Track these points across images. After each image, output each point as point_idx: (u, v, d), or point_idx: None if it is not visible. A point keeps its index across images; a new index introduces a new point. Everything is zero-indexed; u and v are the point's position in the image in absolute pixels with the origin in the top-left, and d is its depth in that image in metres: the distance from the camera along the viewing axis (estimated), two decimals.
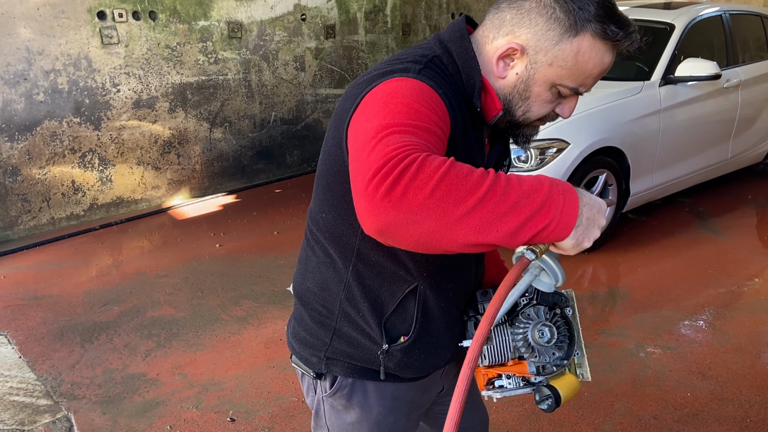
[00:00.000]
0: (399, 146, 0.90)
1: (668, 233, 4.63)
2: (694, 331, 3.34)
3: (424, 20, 7.08)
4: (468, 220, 0.87)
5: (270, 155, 6.09)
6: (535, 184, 0.91)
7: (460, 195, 0.87)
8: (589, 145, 3.97)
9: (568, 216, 0.91)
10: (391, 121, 0.96)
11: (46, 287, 3.93)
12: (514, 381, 1.21)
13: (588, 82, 1.13)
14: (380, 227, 0.88)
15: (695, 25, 4.80)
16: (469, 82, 1.14)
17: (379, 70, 1.11)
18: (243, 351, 3.20)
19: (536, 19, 1.09)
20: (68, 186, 4.90)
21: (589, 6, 1.08)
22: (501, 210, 0.88)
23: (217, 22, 5.43)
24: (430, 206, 0.86)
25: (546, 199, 0.90)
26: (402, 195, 0.86)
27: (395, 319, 1.23)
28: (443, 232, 0.88)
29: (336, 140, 1.12)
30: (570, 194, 0.92)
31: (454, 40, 1.16)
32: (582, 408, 2.70)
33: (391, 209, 0.86)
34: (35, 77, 4.59)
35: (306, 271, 1.31)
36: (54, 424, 2.67)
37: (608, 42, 1.09)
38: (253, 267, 4.18)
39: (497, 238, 0.89)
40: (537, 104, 1.16)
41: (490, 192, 0.88)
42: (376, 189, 0.87)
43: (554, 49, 1.09)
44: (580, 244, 0.94)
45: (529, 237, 0.90)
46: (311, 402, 1.38)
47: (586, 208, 0.94)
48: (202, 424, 2.66)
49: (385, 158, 0.89)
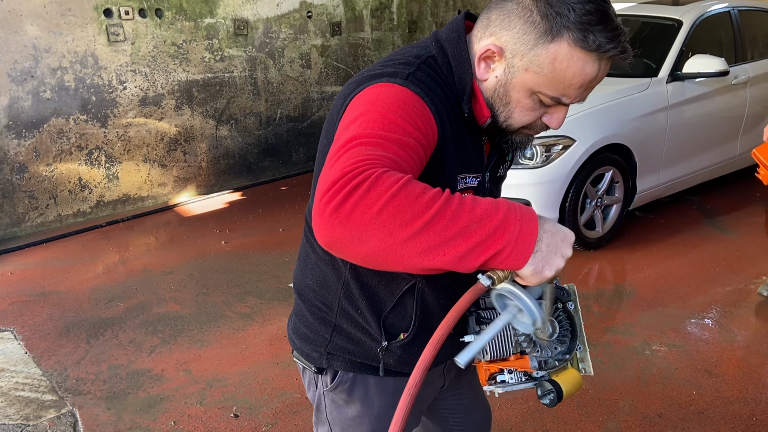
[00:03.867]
0: (358, 161, 0.89)
1: (675, 231, 4.60)
2: (700, 329, 3.31)
3: (431, 17, 7.06)
4: (413, 243, 0.86)
5: (276, 153, 6.10)
6: (489, 209, 0.88)
7: (406, 217, 0.86)
8: (595, 142, 3.95)
9: (524, 242, 0.89)
10: (362, 131, 0.94)
11: (53, 284, 3.95)
12: (516, 376, 1.21)
13: (570, 92, 1.06)
14: (327, 242, 0.88)
15: (703, 21, 4.76)
16: (461, 84, 1.11)
17: (372, 71, 1.09)
18: (247, 347, 3.20)
19: (515, 21, 1.04)
20: (75, 183, 4.92)
21: (570, 12, 1.00)
22: (448, 234, 0.86)
23: (223, 20, 5.43)
24: (376, 226, 0.85)
25: (499, 225, 0.88)
26: (350, 212, 0.86)
27: (394, 316, 1.23)
28: (388, 252, 0.87)
29: (328, 140, 1.12)
30: (528, 220, 0.90)
31: (451, 40, 1.13)
32: (587, 405, 2.69)
33: (338, 225, 0.86)
34: (42, 75, 4.61)
35: (305, 267, 1.31)
36: (59, 419, 2.68)
37: (589, 52, 1.01)
38: (259, 264, 4.18)
39: (444, 263, 0.88)
40: (518, 111, 1.11)
41: (438, 215, 0.86)
42: (327, 204, 0.87)
43: (529, 54, 1.04)
44: (540, 272, 0.92)
45: (481, 262, 0.88)
46: (312, 397, 1.38)
47: (546, 235, 0.92)
48: (206, 419, 2.67)
49: (342, 172, 0.88)
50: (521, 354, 1.20)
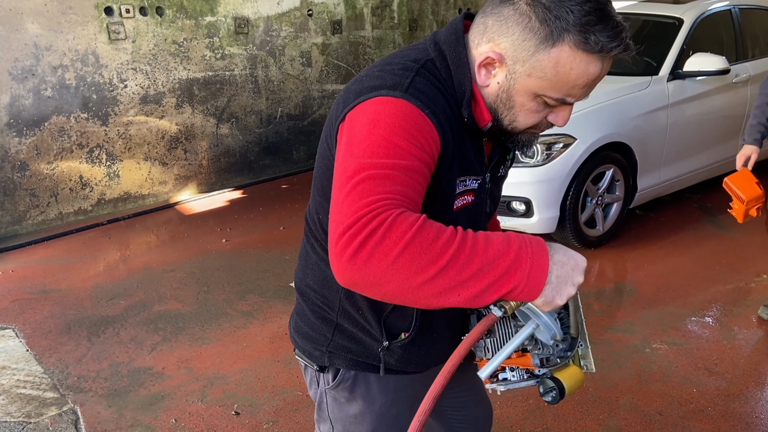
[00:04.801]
0: (371, 201, 0.92)
1: (676, 229, 4.60)
2: (701, 328, 3.32)
3: (431, 15, 7.06)
4: (429, 287, 0.90)
5: (277, 151, 6.10)
6: (501, 249, 0.91)
7: (422, 263, 0.89)
8: (595, 141, 3.95)
9: (535, 279, 0.92)
10: (368, 161, 0.96)
11: (54, 281, 3.95)
12: (518, 373, 1.21)
13: (575, 92, 1.05)
14: (346, 284, 0.93)
15: (704, 19, 4.76)
16: (460, 89, 1.10)
17: (371, 79, 1.08)
18: (248, 345, 3.21)
19: (513, 27, 1.03)
20: (76, 181, 4.93)
21: (568, 14, 0.98)
22: (462, 277, 0.90)
23: (223, 18, 5.43)
24: (394, 271, 0.89)
25: (511, 265, 0.91)
26: (366, 259, 0.89)
27: (395, 316, 1.23)
28: (405, 294, 0.91)
29: (328, 146, 1.12)
30: (539, 256, 0.93)
31: (450, 42, 1.12)
32: (587, 403, 2.69)
33: (355, 271, 0.89)
34: (43, 73, 4.61)
35: (306, 267, 1.31)
36: (60, 416, 2.69)
37: (591, 53, 1.00)
38: (260, 262, 4.19)
39: (459, 302, 0.91)
40: (522, 114, 1.10)
41: (452, 260, 0.89)
42: (343, 249, 0.89)
43: (531, 60, 1.02)
44: (552, 302, 0.95)
45: (494, 300, 0.92)
46: (314, 394, 1.38)
47: (556, 266, 0.95)
48: (207, 417, 2.67)
49: (356, 215, 0.90)
50: (523, 352, 1.20)
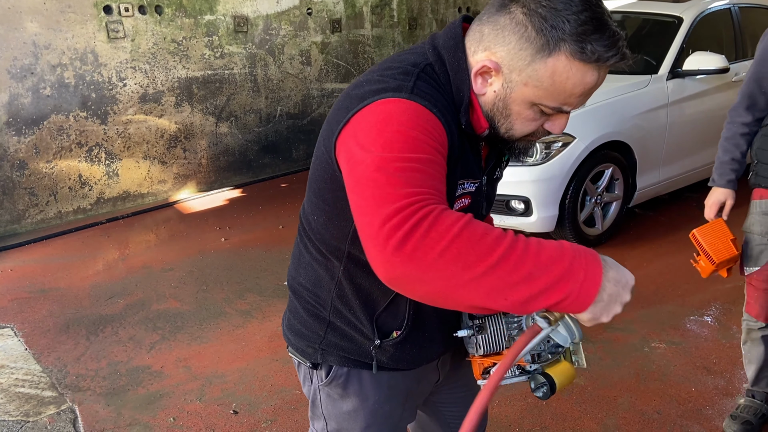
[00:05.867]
0: (410, 192, 0.88)
1: (675, 228, 4.59)
2: (699, 327, 3.32)
3: (431, 14, 7.05)
4: (476, 285, 0.85)
5: (276, 150, 6.10)
6: (555, 255, 0.87)
7: (471, 259, 0.85)
8: (595, 140, 3.94)
9: (588, 291, 0.88)
10: (390, 154, 0.93)
11: (53, 280, 3.95)
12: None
13: (571, 101, 1.05)
14: (390, 279, 0.88)
15: (704, 18, 4.75)
16: (458, 94, 1.09)
17: (372, 83, 1.06)
18: (247, 344, 3.21)
19: (509, 37, 1.02)
20: (75, 180, 4.93)
21: (565, 23, 0.98)
22: (513, 279, 0.85)
23: (223, 17, 5.43)
24: (440, 266, 0.85)
25: (565, 273, 0.87)
26: (413, 251, 0.84)
27: (387, 315, 1.23)
28: (450, 293, 0.87)
29: (326, 149, 1.10)
30: (593, 268, 0.88)
31: (449, 48, 1.11)
32: (585, 402, 2.69)
33: (401, 264, 0.85)
34: (42, 71, 4.61)
35: (299, 266, 1.31)
36: (59, 415, 2.69)
37: (587, 63, 1.00)
38: (258, 261, 4.19)
39: (505, 306, 0.87)
40: (519, 122, 1.09)
41: (503, 259, 0.85)
42: (386, 239, 0.85)
43: (528, 69, 1.02)
44: (598, 318, 0.92)
45: (542, 308, 0.88)
46: (308, 391, 1.39)
47: (610, 284, 0.90)
48: (205, 416, 2.67)
49: (397, 205, 0.87)
50: None
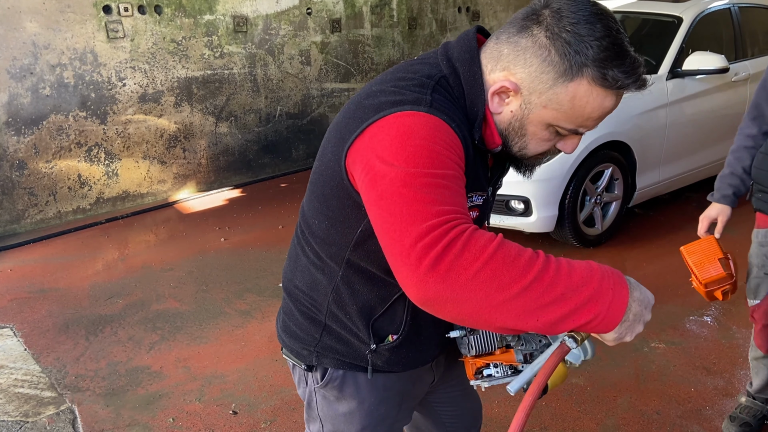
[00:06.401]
0: (441, 211, 0.88)
1: (675, 228, 4.59)
2: (699, 327, 3.32)
3: (431, 14, 7.05)
4: (509, 306, 0.86)
5: (275, 149, 6.10)
6: (585, 275, 0.88)
7: (505, 280, 0.85)
8: (594, 140, 3.94)
9: (615, 312, 0.89)
10: (415, 169, 0.92)
11: (52, 280, 3.95)
12: (501, 369, 1.22)
13: (588, 123, 1.07)
14: (424, 300, 0.87)
15: (703, 18, 4.75)
16: (472, 109, 1.09)
17: (387, 94, 1.04)
18: (246, 344, 3.20)
19: (531, 59, 1.02)
20: (74, 180, 4.92)
21: (588, 49, 0.99)
22: (545, 300, 0.86)
23: (222, 16, 5.42)
24: (474, 287, 0.85)
25: (594, 293, 0.87)
26: (447, 271, 0.84)
27: (383, 320, 1.23)
28: (483, 313, 0.87)
29: (335, 157, 1.08)
30: (620, 289, 0.90)
31: (464, 61, 1.10)
32: (585, 403, 2.69)
33: (435, 284, 0.85)
34: (41, 71, 4.60)
35: (295, 269, 1.30)
36: (58, 415, 2.69)
37: (608, 89, 1.01)
38: (258, 261, 4.18)
39: (536, 327, 0.88)
40: (534, 142, 1.11)
41: (536, 280, 0.86)
42: (420, 259, 0.85)
43: (548, 93, 1.03)
44: (622, 338, 0.93)
45: (570, 329, 0.89)
46: (303, 393, 1.39)
47: (635, 304, 0.92)
48: (204, 416, 2.67)
49: (429, 224, 0.86)
50: (506, 348, 1.21)
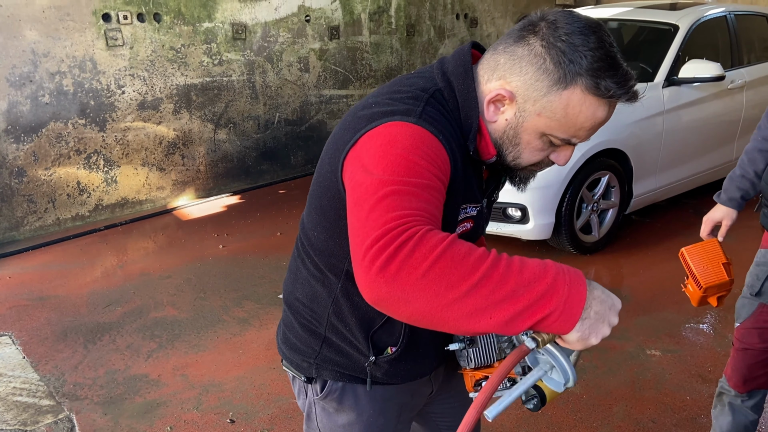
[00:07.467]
0: (399, 215, 0.90)
1: (672, 235, 4.61)
2: (695, 335, 3.33)
3: (429, 21, 7.08)
4: (459, 306, 0.86)
5: (274, 156, 6.11)
6: (537, 272, 0.88)
7: (453, 279, 0.86)
8: (591, 147, 3.96)
9: (572, 308, 0.89)
10: (389, 177, 0.95)
11: (51, 288, 3.96)
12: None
13: (580, 134, 1.09)
14: (374, 300, 0.89)
15: (700, 26, 4.77)
16: (466, 121, 1.12)
17: (381, 106, 1.08)
18: (244, 352, 3.22)
19: (526, 67, 1.05)
20: (73, 187, 4.94)
21: (582, 59, 1.02)
22: (496, 298, 0.86)
23: (221, 24, 5.45)
24: (423, 286, 0.86)
25: (548, 289, 0.87)
26: (397, 270, 0.86)
27: (383, 332, 1.24)
28: (434, 314, 0.87)
29: (332, 167, 1.11)
30: (577, 286, 0.89)
31: (458, 74, 1.13)
32: (580, 411, 2.70)
33: (384, 284, 0.86)
34: (41, 79, 4.62)
35: (296, 281, 1.32)
36: (56, 424, 2.70)
37: (600, 98, 1.04)
38: (256, 268, 4.20)
39: (490, 326, 0.88)
40: (527, 151, 1.13)
41: (485, 278, 0.86)
42: (372, 261, 0.87)
43: (542, 100, 1.05)
44: (587, 339, 0.92)
45: (527, 327, 0.89)
46: (302, 405, 1.40)
47: (596, 302, 0.92)
48: (202, 425, 2.68)
49: (384, 228, 0.88)
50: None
